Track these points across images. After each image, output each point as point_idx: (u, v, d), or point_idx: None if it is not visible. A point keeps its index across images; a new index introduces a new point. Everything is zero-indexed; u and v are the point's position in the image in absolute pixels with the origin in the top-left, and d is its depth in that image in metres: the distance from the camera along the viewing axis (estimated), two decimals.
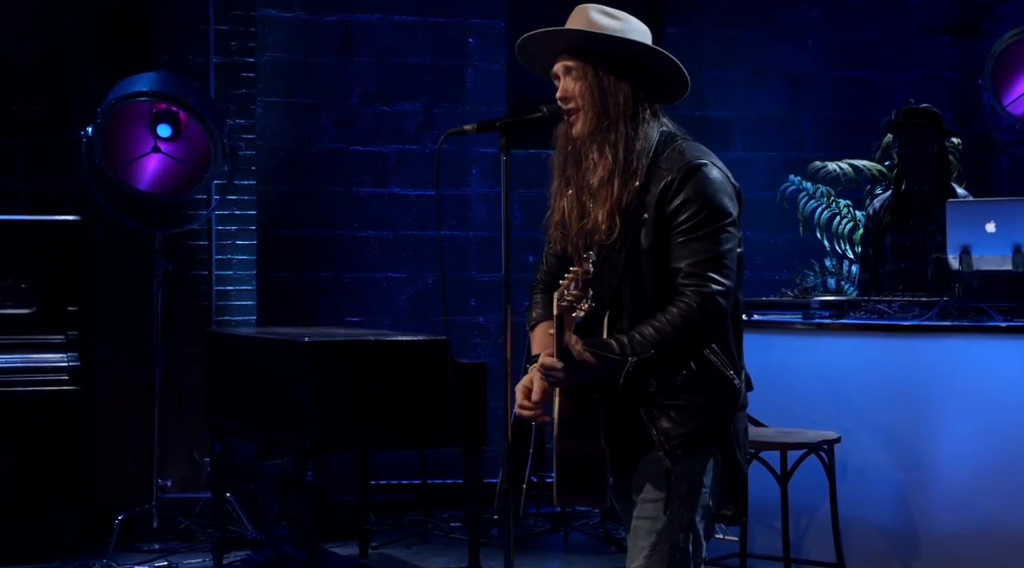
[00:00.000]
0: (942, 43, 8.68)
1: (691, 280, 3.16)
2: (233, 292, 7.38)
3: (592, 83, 3.27)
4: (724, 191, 3.23)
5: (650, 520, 3.25)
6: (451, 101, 7.97)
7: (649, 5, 8.17)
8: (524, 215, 7.99)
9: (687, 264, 3.17)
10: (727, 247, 3.19)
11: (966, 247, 5.81)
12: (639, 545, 3.27)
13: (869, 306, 5.98)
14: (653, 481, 3.25)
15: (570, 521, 7.16)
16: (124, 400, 7.21)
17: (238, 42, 7.38)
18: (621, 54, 3.28)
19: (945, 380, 5.67)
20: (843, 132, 8.48)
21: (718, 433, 3.27)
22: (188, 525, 7.00)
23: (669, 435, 3.23)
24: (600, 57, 3.27)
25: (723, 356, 3.25)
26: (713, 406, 3.25)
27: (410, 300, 7.91)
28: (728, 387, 3.26)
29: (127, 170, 6.76)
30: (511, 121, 3.28)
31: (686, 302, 3.15)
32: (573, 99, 3.29)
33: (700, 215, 3.18)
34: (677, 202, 3.19)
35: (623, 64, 3.28)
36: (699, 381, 3.23)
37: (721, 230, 3.19)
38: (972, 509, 5.59)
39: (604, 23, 3.29)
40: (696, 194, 3.19)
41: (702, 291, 3.15)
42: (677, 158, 3.23)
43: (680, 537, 3.24)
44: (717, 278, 3.16)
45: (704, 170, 3.21)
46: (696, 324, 3.14)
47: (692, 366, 3.22)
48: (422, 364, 5.52)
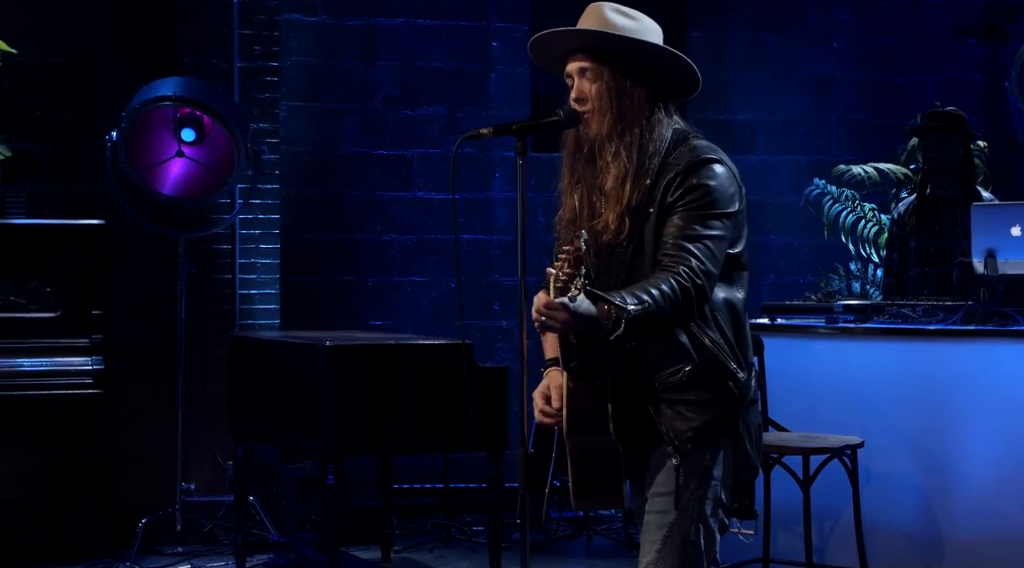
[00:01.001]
0: (968, 46, 8.64)
1: (672, 252, 3.16)
2: (256, 296, 7.40)
3: (608, 84, 3.27)
4: (726, 187, 3.24)
5: (661, 514, 3.26)
6: (474, 105, 7.97)
7: (674, 9, 8.15)
8: (547, 219, 7.92)
9: (672, 238, 3.18)
10: (715, 233, 3.19)
11: (991, 251, 5.78)
12: (651, 539, 3.28)
13: (893, 310, 5.95)
14: (663, 475, 3.26)
15: (592, 525, 7.15)
16: (147, 403, 7.24)
17: (262, 46, 7.40)
18: (636, 54, 3.27)
19: (969, 385, 5.64)
20: (868, 135, 8.45)
21: (727, 427, 3.27)
22: (211, 528, 7.01)
23: (677, 430, 3.24)
24: (615, 58, 3.27)
25: (726, 350, 3.25)
26: (720, 401, 3.25)
27: (433, 304, 7.92)
28: (733, 381, 3.25)
29: (151, 174, 6.78)
30: (527, 124, 3.29)
31: (665, 276, 3.13)
32: (589, 100, 3.30)
33: (697, 201, 3.20)
34: (680, 191, 3.21)
35: (638, 64, 3.28)
36: (703, 376, 3.23)
37: (714, 217, 3.20)
38: (996, 515, 5.55)
39: (619, 22, 3.29)
40: (698, 183, 3.21)
41: (680, 266, 3.14)
42: (686, 154, 3.25)
43: (691, 530, 3.25)
44: (698, 255, 3.15)
45: (710, 165, 3.23)
46: (676, 300, 3.11)
47: (696, 361, 3.21)
48: (444, 368, 5.51)
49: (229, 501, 7.08)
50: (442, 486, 7.46)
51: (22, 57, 6.72)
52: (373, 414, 5.41)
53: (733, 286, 3.29)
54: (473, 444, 5.53)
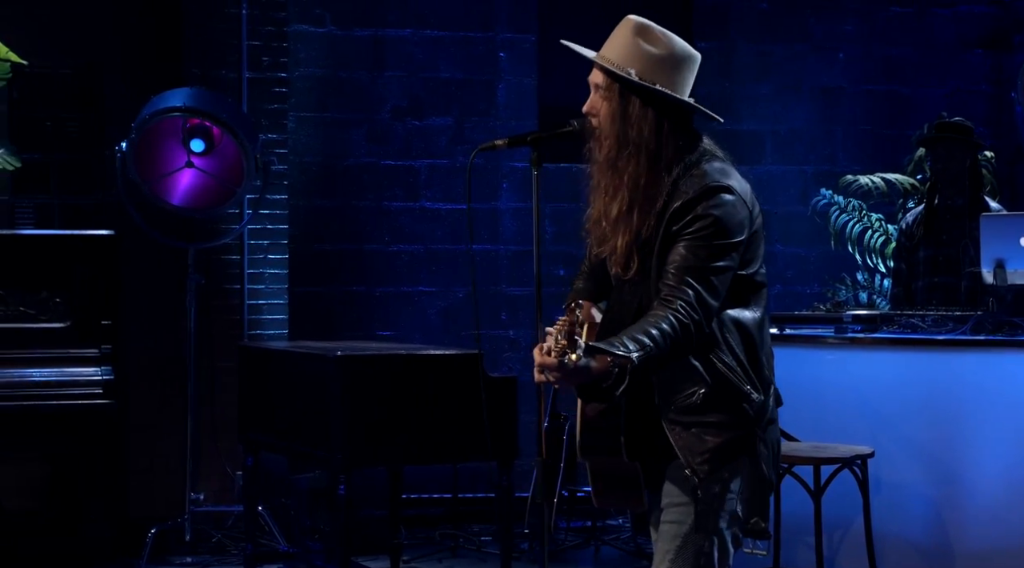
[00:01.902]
0: (974, 56, 8.66)
1: (672, 283, 3.16)
2: (265, 306, 7.41)
3: (616, 110, 3.27)
4: (735, 216, 3.21)
5: (675, 524, 3.27)
6: (482, 115, 8.00)
7: (680, 20, 8.18)
8: (555, 229, 8.01)
9: (674, 268, 3.18)
10: (718, 265, 3.18)
11: (1000, 261, 5.78)
12: (664, 548, 3.29)
13: (902, 320, 5.96)
14: (679, 485, 3.27)
15: (601, 535, 7.15)
16: (156, 413, 7.25)
17: (271, 57, 7.42)
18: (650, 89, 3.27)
19: (979, 395, 5.64)
20: (875, 146, 8.46)
21: (744, 447, 3.28)
22: (220, 538, 7.02)
23: (693, 452, 3.24)
24: (629, 85, 3.27)
25: (739, 372, 3.25)
26: (735, 422, 3.25)
27: (441, 314, 7.93)
28: (748, 402, 3.25)
29: (161, 185, 6.79)
30: (542, 135, 3.29)
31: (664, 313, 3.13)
32: (596, 118, 3.31)
33: (703, 231, 3.18)
34: (687, 218, 3.19)
35: (651, 97, 3.26)
36: (718, 399, 3.23)
37: (719, 248, 3.18)
38: (1007, 525, 5.55)
39: (644, 49, 3.27)
40: (703, 213, 3.18)
41: (678, 301, 3.14)
42: (696, 181, 3.22)
43: (705, 543, 3.25)
44: (698, 289, 3.15)
45: (719, 193, 3.19)
46: (676, 338, 3.12)
47: (709, 383, 3.22)
48: (454, 378, 5.52)
49: (238, 511, 7.10)
50: (450, 496, 7.46)
51: (31, 68, 6.74)
52: (384, 424, 5.41)
53: (748, 307, 3.28)
54: (486, 454, 5.53)
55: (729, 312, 3.25)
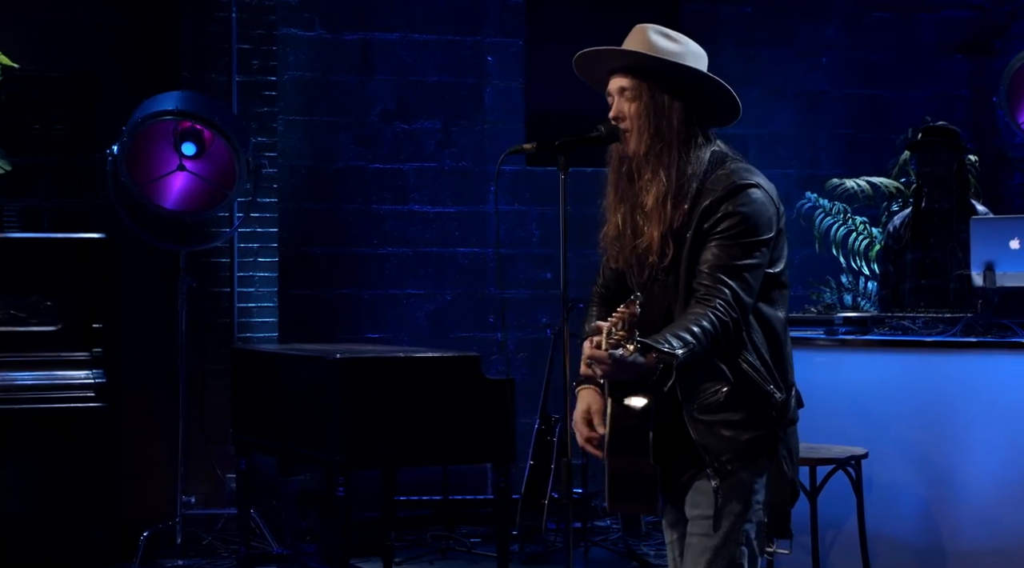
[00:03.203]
0: (955, 61, 8.75)
1: (708, 282, 3.20)
2: (255, 309, 7.43)
3: (647, 104, 3.31)
4: (763, 213, 3.26)
5: (705, 536, 3.30)
6: (469, 119, 8.03)
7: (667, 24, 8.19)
8: (542, 232, 8.06)
9: (708, 267, 3.22)
10: (751, 262, 3.23)
11: (990, 264, 5.85)
12: (694, 561, 3.31)
13: (893, 322, 6.02)
14: (706, 497, 3.30)
15: (590, 537, 7.19)
16: (147, 416, 7.25)
17: (260, 61, 7.44)
18: (676, 78, 3.32)
19: (970, 396, 5.70)
20: (858, 149, 8.54)
21: (765, 447, 3.31)
22: (211, 541, 7.03)
23: (715, 451, 3.28)
24: (656, 79, 3.31)
25: (763, 372, 3.28)
26: (757, 421, 3.29)
27: (429, 317, 7.96)
28: (771, 402, 3.29)
29: (152, 188, 6.80)
30: (570, 139, 3.32)
31: (703, 310, 3.17)
32: (626, 119, 3.33)
33: (734, 229, 3.23)
34: (717, 216, 3.24)
35: (678, 87, 3.32)
36: (741, 397, 3.26)
37: (750, 245, 3.23)
38: (998, 525, 5.62)
39: (662, 45, 3.33)
40: (734, 210, 3.24)
41: (716, 299, 3.18)
42: (724, 179, 3.27)
43: (736, 553, 3.29)
44: (734, 287, 3.19)
45: (748, 191, 3.26)
46: (716, 335, 3.16)
47: (732, 382, 3.25)
48: (453, 380, 5.56)
49: (228, 514, 7.11)
50: (440, 498, 7.49)
51: (22, 71, 6.72)
52: (382, 426, 5.44)
53: (773, 306, 3.33)
54: (484, 455, 5.57)
55: (755, 311, 3.28)
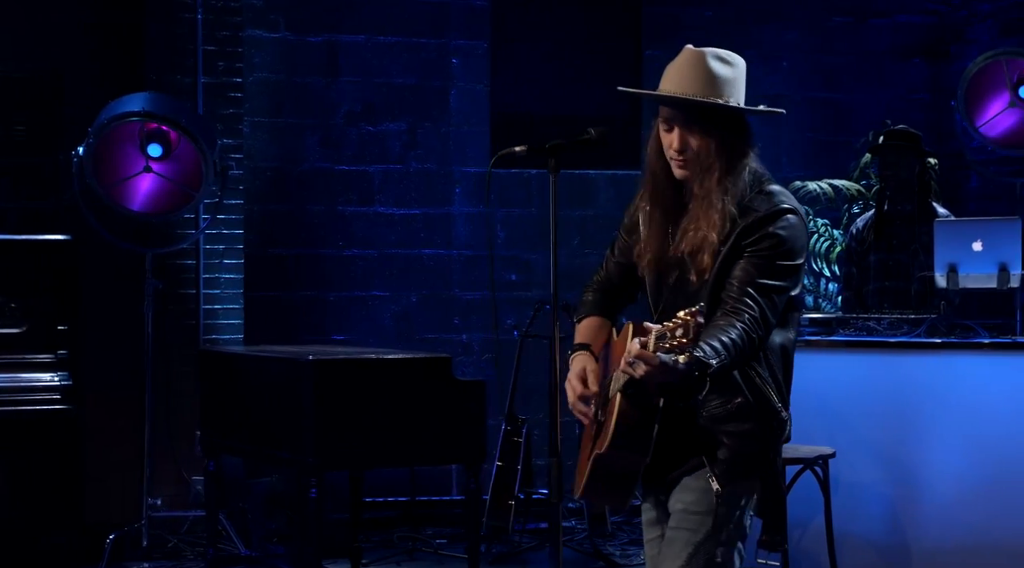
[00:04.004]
0: (913, 65, 8.85)
1: (737, 296, 3.25)
2: (220, 311, 7.42)
3: (712, 141, 3.33)
4: (799, 239, 3.33)
5: (689, 532, 3.34)
6: (435, 121, 8.06)
7: (629, 28, 8.29)
8: (507, 234, 8.09)
9: (739, 282, 3.27)
10: (780, 284, 3.28)
11: (953, 265, 5.94)
12: (674, 553, 3.36)
13: (858, 323, 6.10)
14: (697, 495, 3.34)
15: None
16: (112, 418, 7.23)
17: (226, 62, 7.43)
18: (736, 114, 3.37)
19: (935, 396, 5.80)
20: (818, 152, 8.62)
21: (765, 461, 3.38)
22: (177, 543, 7.01)
23: (720, 459, 3.33)
24: (718, 115, 3.35)
25: (774, 388, 3.35)
26: (763, 435, 3.35)
27: (395, 318, 7.98)
28: (777, 418, 3.36)
29: (118, 190, 6.77)
30: (560, 143, 3.36)
31: (732, 322, 3.22)
32: (689, 151, 3.35)
33: (769, 250, 3.29)
34: (756, 236, 3.29)
35: (735, 122, 3.38)
36: (752, 410, 3.32)
37: (782, 269, 3.29)
38: (962, 523, 5.72)
39: (721, 73, 3.37)
40: (773, 232, 3.29)
41: (745, 314, 3.22)
42: (765, 200, 3.33)
43: (717, 552, 3.34)
44: (762, 306, 3.24)
45: (788, 216, 3.32)
46: (743, 349, 3.21)
47: (746, 395, 3.31)
48: (424, 381, 5.58)
49: (194, 516, 7.10)
50: (406, 499, 7.50)
51: None
52: (354, 428, 5.46)
53: (787, 328, 3.39)
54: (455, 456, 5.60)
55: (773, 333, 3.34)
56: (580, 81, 8.25)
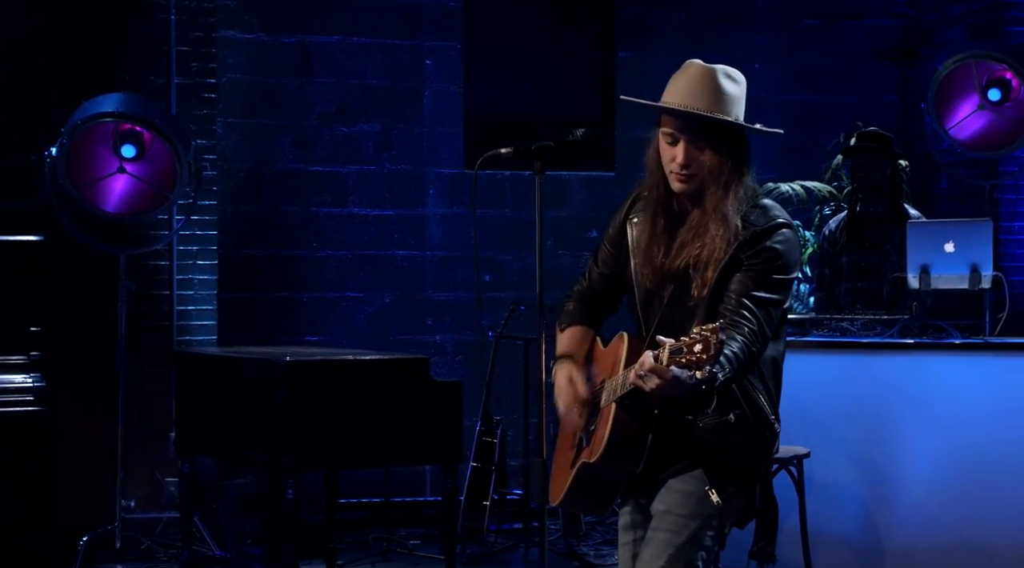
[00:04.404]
0: (883, 68, 8.91)
1: (734, 308, 3.28)
2: (194, 312, 7.41)
3: (719, 158, 3.35)
4: (794, 252, 3.39)
5: (672, 533, 3.37)
6: (408, 122, 8.06)
7: (602, 31, 8.31)
8: (481, 234, 8.09)
9: (736, 295, 3.30)
10: (775, 298, 3.33)
11: (925, 266, 6.00)
12: (654, 552, 3.38)
13: (832, 324, 6.14)
14: (682, 497, 3.38)
15: (531, 537, 7.24)
16: (85, 420, 7.20)
17: (199, 63, 7.42)
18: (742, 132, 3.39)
19: (907, 396, 5.85)
20: (789, 154, 8.66)
21: (757, 472, 3.42)
22: (150, 545, 6.99)
23: (717, 470, 3.36)
24: (726, 132, 3.36)
25: (767, 399, 3.40)
26: (757, 446, 3.40)
27: (368, 319, 7.98)
28: (770, 430, 3.41)
29: (92, 191, 6.75)
30: (546, 145, 3.38)
31: (733, 335, 3.23)
32: (695, 165, 3.36)
33: (766, 264, 3.32)
34: (755, 249, 3.33)
35: (741, 138, 3.40)
36: (746, 423, 3.36)
37: (778, 282, 3.33)
38: (934, 522, 5.77)
39: (729, 90, 3.37)
40: (772, 246, 3.33)
41: (745, 327, 3.25)
42: (761, 215, 3.37)
43: (695, 556, 3.37)
44: (761, 320, 3.28)
45: (784, 231, 3.36)
46: (744, 362, 3.24)
47: (744, 408, 3.34)
48: (401, 382, 5.59)
49: (167, 517, 7.09)
50: (380, 500, 7.50)
51: None
52: (332, 428, 5.47)
53: (778, 340, 3.44)
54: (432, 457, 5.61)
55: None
56: (553, 83, 8.28)
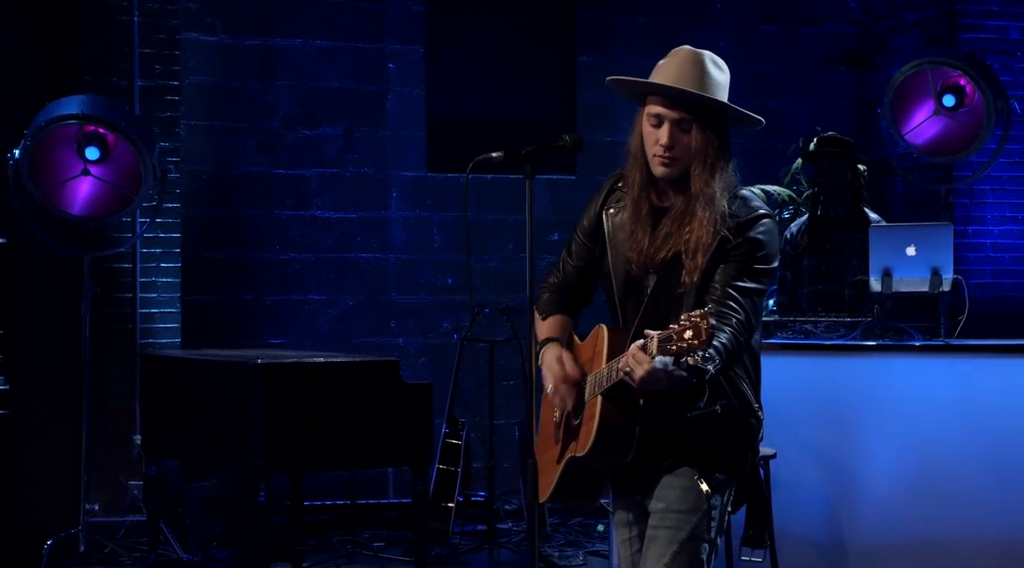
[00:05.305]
0: (838, 74, 9.02)
1: (720, 298, 3.32)
2: (157, 315, 7.39)
3: (702, 139, 3.40)
4: (775, 243, 3.44)
5: (673, 530, 3.41)
6: (371, 125, 8.08)
7: (563, 34, 8.36)
8: (444, 238, 8.12)
9: (722, 286, 3.34)
10: (759, 287, 3.39)
11: (888, 269, 6.08)
12: (658, 552, 3.42)
13: (795, 326, 6.21)
14: (679, 493, 3.41)
15: (496, 538, 7.28)
16: (48, 423, 7.17)
17: (162, 65, 7.40)
18: (726, 114, 3.44)
19: (870, 397, 5.93)
20: (746, 158, 8.70)
21: (744, 459, 3.47)
22: (114, 548, 6.97)
23: (703, 459, 3.40)
24: (712, 116, 3.42)
25: (752, 390, 3.45)
26: (743, 434, 3.44)
27: (332, 322, 7.99)
28: (755, 417, 3.46)
29: (56, 193, 6.73)
30: (537, 149, 3.41)
31: (722, 327, 3.27)
32: (679, 147, 3.40)
33: (750, 254, 3.37)
34: (738, 241, 3.36)
35: (726, 122, 3.47)
36: (732, 412, 3.40)
37: (761, 272, 3.39)
38: (896, 521, 5.85)
39: (716, 78, 3.44)
40: (755, 236, 3.38)
41: (732, 318, 3.29)
42: (742, 206, 3.41)
43: (698, 549, 3.42)
44: (747, 309, 3.33)
45: (766, 221, 3.42)
46: (732, 352, 3.29)
47: (730, 397, 3.38)
48: (372, 385, 5.61)
49: (131, 521, 7.07)
50: (344, 503, 7.51)
51: None
52: (303, 431, 5.47)
53: (757, 330, 3.47)
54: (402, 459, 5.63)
55: None
56: (515, 86, 8.32)
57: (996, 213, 8.38)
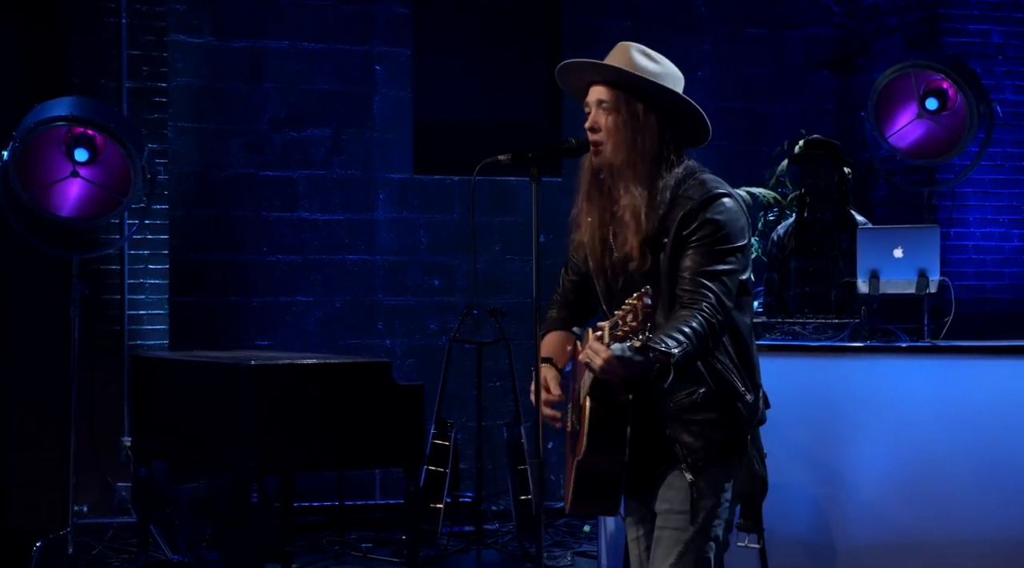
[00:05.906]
0: (822, 77, 9.08)
1: (691, 288, 3.34)
2: (145, 316, 7.39)
3: (624, 118, 3.43)
4: (738, 221, 3.42)
5: (677, 531, 3.44)
6: (358, 127, 8.10)
7: (550, 38, 8.39)
8: (430, 240, 8.14)
9: (690, 274, 3.35)
10: (729, 268, 3.38)
11: (875, 271, 6.12)
12: (664, 554, 3.44)
13: (783, 327, 6.25)
14: (677, 493, 3.44)
15: (483, 539, 7.31)
16: (37, 424, 7.16)
17: (150, 67, 7.41)
18: (652, 95, 3.45)
19: (858, 398, 5.95)
20: (732, 161, 8.80)
21: (737, 446, 3.47)
22: (102, 550, 6.96)
23: (691, 449, 3.42)
24: (633, 94, 3.43)
25: (735, 373, 3.44)
26: (730, 421, 3.44)
27: (319, 323, 8.00)
28: (742, 402, 3.45)
29: (44, 195, 6.73)
30: (543, 152, 3.44)
31: (691, 313, 3.29)
32: (601, 130, 3.45)
33: (711, 236, 3.37)
34: (695, 224, 3.37)
35: (653, 105, 3.45)
36: (716, 398, 3.42)
37: (727, 252, 3.38)
38: (885, 521, 5.89)
39: (643, 64, 3.47)
40: (711, 218, 3.37)
41: (703, 302, 3.31)
42: (698, 187, 3.42)
43: (705, 547, 3.44)
44: (717, 292, 3.33)
45: (723, 200, 3.40)
46: (704, 336, 3.28)
47: (709, 383, 3.40)
48: (365, 386, 5.62)
49: (119, 523, 7.05)
50: (333, 504, 7.53)
51: None
52: (296, 432, 5.48)
53: (741, 311, 3.48)
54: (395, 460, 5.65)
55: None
56: (501, 89, 8.35)
57: (978, 215, 8.45)
